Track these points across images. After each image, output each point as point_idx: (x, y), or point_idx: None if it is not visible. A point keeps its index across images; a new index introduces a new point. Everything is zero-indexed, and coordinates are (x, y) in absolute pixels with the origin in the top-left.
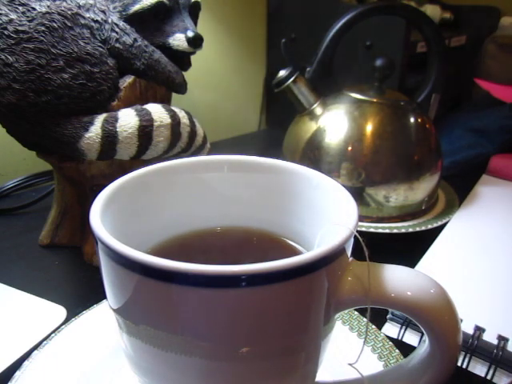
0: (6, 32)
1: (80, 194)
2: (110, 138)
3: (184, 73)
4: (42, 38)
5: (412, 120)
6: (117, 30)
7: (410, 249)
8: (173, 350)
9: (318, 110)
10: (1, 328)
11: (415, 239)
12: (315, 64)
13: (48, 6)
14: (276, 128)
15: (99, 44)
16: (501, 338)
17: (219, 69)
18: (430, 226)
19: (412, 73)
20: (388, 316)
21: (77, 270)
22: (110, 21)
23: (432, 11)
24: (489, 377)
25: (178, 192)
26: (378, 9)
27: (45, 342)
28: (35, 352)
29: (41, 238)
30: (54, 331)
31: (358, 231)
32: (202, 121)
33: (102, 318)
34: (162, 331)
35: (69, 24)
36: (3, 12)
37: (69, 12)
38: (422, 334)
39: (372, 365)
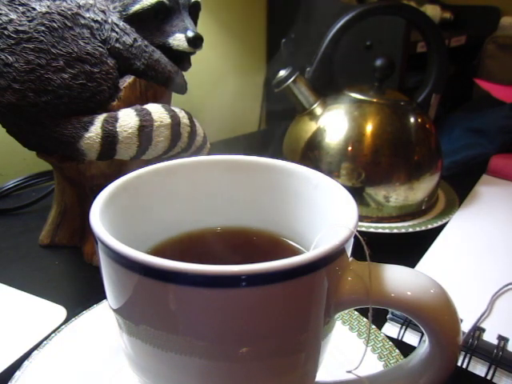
0: (6, 32)
1: (80, 194)
2: (109, 138)
3: (184, 73)
4: (42, 38)
5: (412, 120)
6: (117, 30)
7: (410, 249)
8: (173, 350)
9: (318, 110)
10: (1, 328)
11: (415, 239)
12: (315, 64)
13: (48, 6)
14: (276, 128)
15: (99, 44)
16: (501, 338)
17: (219, 69)
18: (429, 226)
19: (412, 73)
20: (388, 316)
21: (77, 270)
22: (110, 21)
23: (432, 11)
24: (489, 377)
25: (177, 192)
26: (378, 9)
27: (45, 342)
28: (35, 352)
29: (41, 238)
30: (54, 331)
31: (358, 231)
32: (202, 121)
33: (102, 318)
34: (161, 331)
35: (69, 24)
36: (3, 12)
37: (69, 12)
38: (422, 334)
39: (372, 365)
